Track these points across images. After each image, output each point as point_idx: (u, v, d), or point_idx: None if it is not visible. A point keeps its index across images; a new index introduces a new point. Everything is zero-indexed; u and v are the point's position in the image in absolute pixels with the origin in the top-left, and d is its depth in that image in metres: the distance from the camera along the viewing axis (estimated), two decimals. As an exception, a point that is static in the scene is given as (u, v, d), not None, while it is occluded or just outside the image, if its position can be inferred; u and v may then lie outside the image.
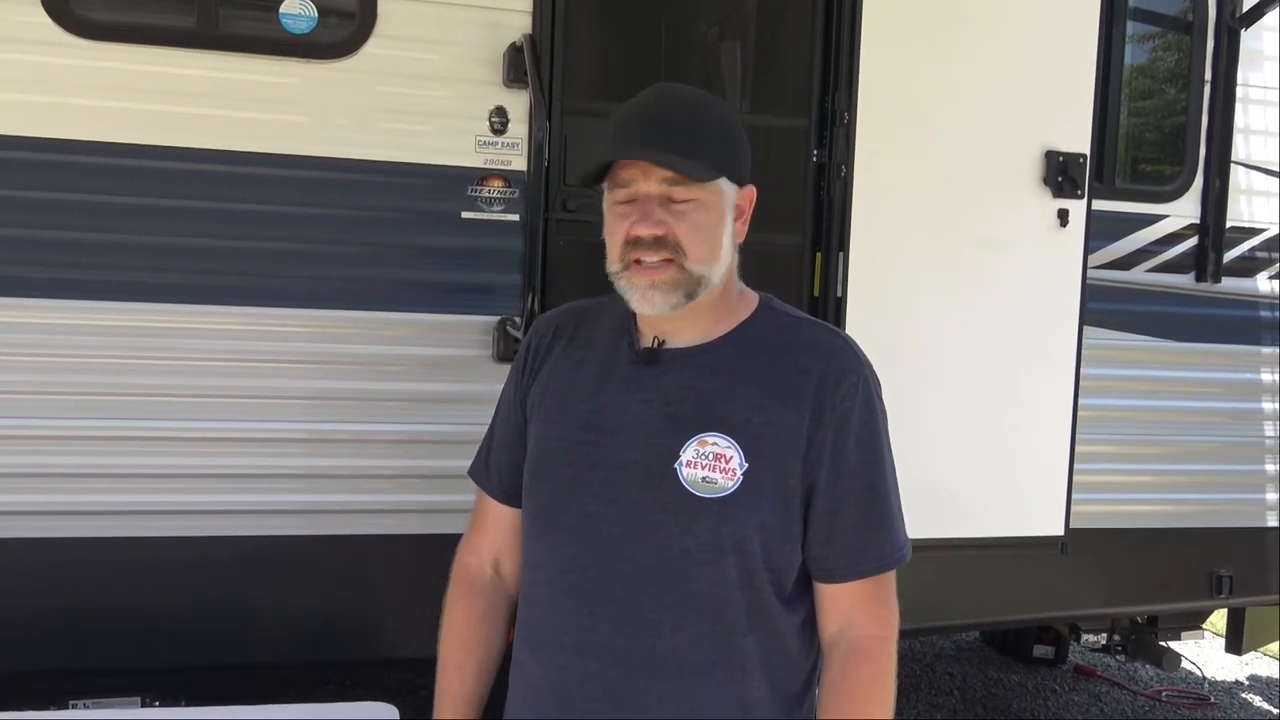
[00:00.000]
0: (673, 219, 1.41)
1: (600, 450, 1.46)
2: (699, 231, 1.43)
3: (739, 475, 1.40)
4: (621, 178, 1.44)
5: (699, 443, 1.41)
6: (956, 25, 3.13)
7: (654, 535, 1.41)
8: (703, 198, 1.43)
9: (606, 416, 1.47)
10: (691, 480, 1.40)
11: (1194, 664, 4.66)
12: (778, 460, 1.41)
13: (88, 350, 2.67)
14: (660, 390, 1.46)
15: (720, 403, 1.43)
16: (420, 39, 2.82)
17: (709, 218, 1.44)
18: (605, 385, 1.49)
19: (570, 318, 1.61)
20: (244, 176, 2.73)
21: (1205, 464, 3.61)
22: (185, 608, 2.74)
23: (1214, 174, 3.54)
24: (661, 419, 1.44)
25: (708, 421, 1.42)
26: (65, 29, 2.61)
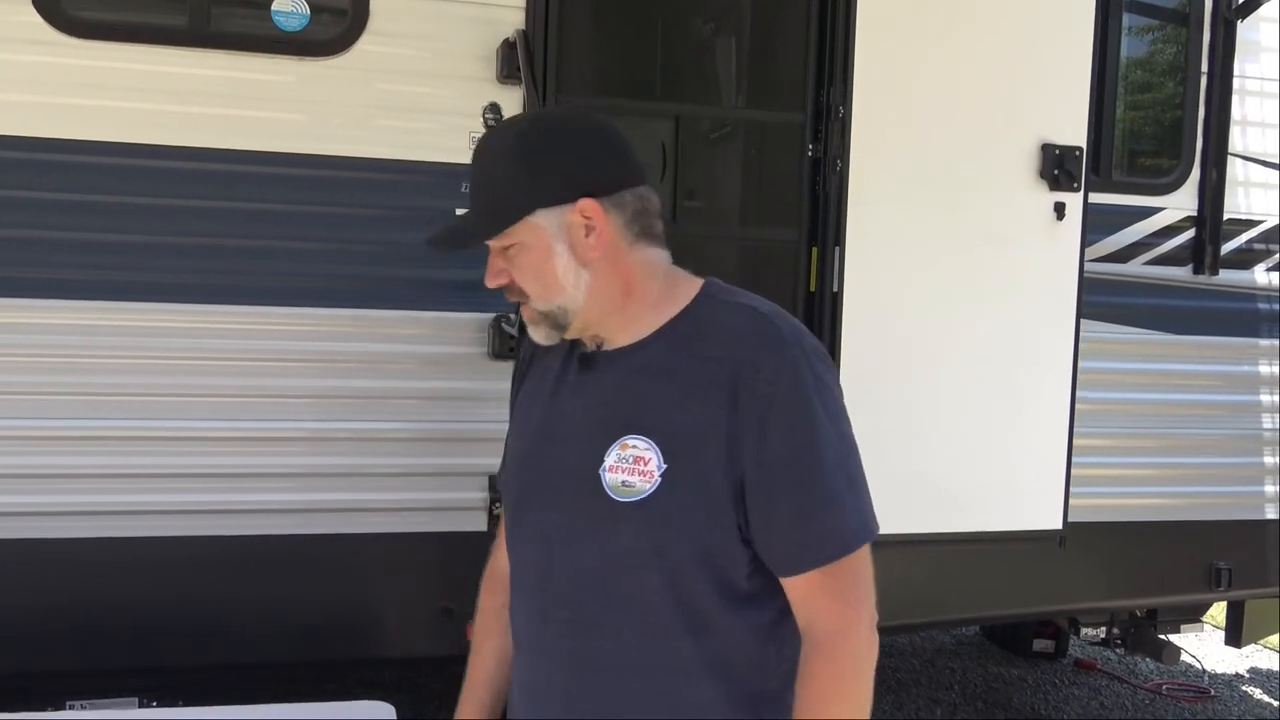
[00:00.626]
0: (511, 265, 1.45)
1: (547, 458, 1.48)
2: (527, 273, 1.43)
3: (656, 477, 1.37)
4: None
5: (620, 446, 1.39)
6: (952, 19, 3.13)
7: (592, 539, 1.42)
8: (520, 240, 1.43)
9: (554, 424, 1.49)
10: (613, 485, 1.38)
11: (1194, 657, 4.66)
12: (696, 458, 1.37)
13: (85, 350, 2.67)
14: (599, 393, 1.46)
15: (643, 403, 1.41)
16: (413, 35, 2.82)
17: (531, 257, 1.43)
18: (556, 393, 1.51)
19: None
20: (237, 175, 2.73)
21: (1203, 457, 3.60)
22: (184, 607, 2.74)
23: (1211, 166, 3.53)
24: (594, 424, 1.44)
25: (630, 424, 1.40)
26: (56, 28, 2.61)
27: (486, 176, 1.45)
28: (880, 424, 3.05)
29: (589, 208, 1.41)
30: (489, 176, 1.45)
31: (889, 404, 3.06)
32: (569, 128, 1.47)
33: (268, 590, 2.82)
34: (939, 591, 3.36)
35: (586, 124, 1.48)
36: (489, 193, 1.44)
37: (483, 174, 1.45)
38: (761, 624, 1.43)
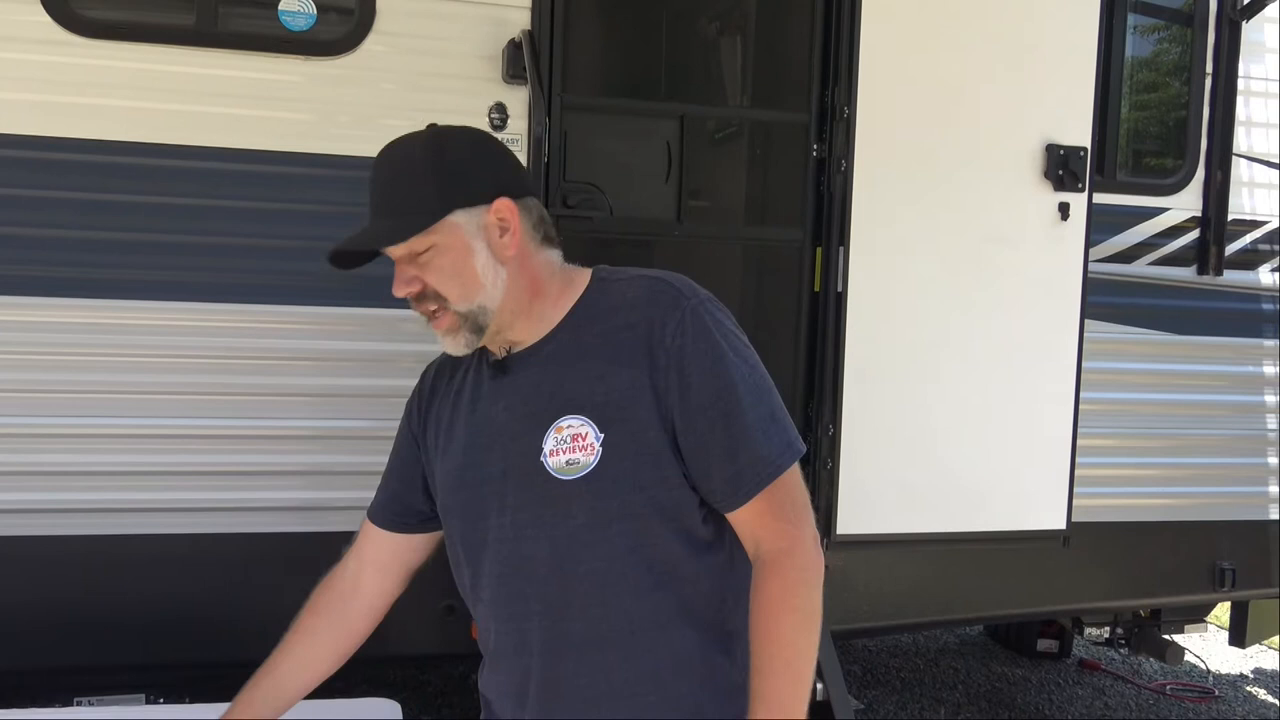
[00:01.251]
0: (423, 271, 1.47)
1: (482, 467, 1.51)
2: (444, 274, 1.47)
3: (598, 448, 1.43)
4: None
5: (556, 430, 1.45)
6: (956, 19, 3.13)
7: (541, 529, 1.46)
8: (436, 242, 1.46)
9: (480, 434, 1.53)
10: (557, 467, 1.44)
11: (1198, 657, 4.66)
12: (629, 420, 1.44)
13: (90, 348, 2.68)
14: (517, 393, 1.51)
15: (566, 386, 1.47)
16: (420, 35, 2.83)
17: (450, 257, 1.47)
18: (476, 406, 1.55)
19: (448, 360, 1.66)
20: (244, 174, 2.74)
21: (1207, 457, 3.60)
22: (189, 604, 2.75)
23: (1215, 167, 3.53)
24: (521, 420, 1.49)
25: (560, 408, 1.46)
26: (65, 27, 2.62)
27: (398, 183, 1.47)
28: (884, 424, 3.07)
29: (505, 207, 1.48)
30: (401, 183, 1.47)
31: (893, 404, 3.07)
32: (473, 137, 1.55)
33: (273, 587, 2.83)
34: (943, 591, 3.36)
35: (486, 135, 1.58)
36: (403, 197, 1.46)
37: (393, 181, 1.48)
38: (719, 564, 1.51)
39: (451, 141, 1.51)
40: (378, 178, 1.50)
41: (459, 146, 1.51)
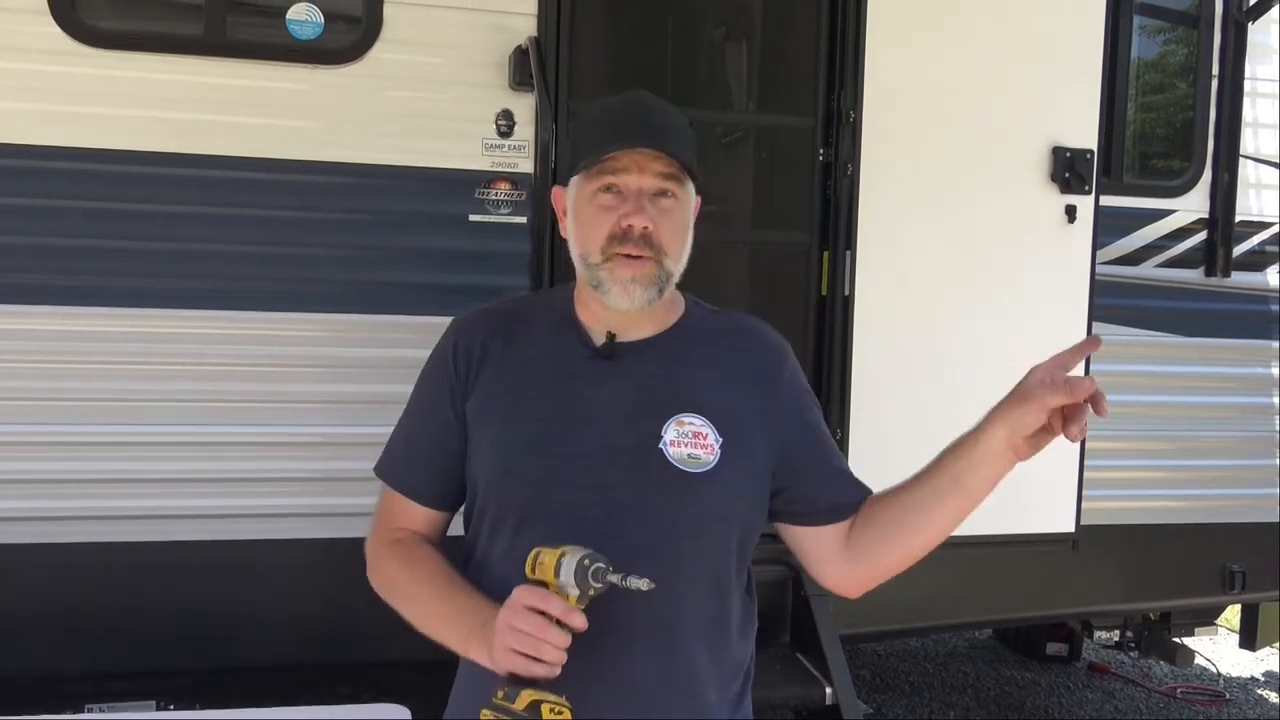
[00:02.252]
0: (659, 216, 1.49)
1: (575, 441, 1.49)
2: (677, 230, 1.52)
3: (717, 450, 1.50)
4: (610, 168, 1.48)
5: (677, 423, 1.50)
6: (962, 23, 3.13)
7: (644, 514, 1.47)
8: (681, 197, 1.52)
9: (575, 408, 1.52)
10: (678, 457, 1.49)
11: (1208, 660, 4.64)
12: (744, 435, 1.52)
13: (100, 356, 2.69)
14: (627, 379, 1.53)
15: (687, 386, 1.53)
16: (426, 43, 2.84)
17: (684, 218, 1.53)
18: (564, 380, 1.54)
19: (497, 320, 1.61)
20: (253, 182, 2.75)
21: (1216, 459, 3.60)
22: (199, 611, 2.76)
23: (1222, 168, 3.53)
24: (634, 405, 1.51)
25: (680, 404, 1.51)
26: (74, 38, 2.64)
27: (670, 125, 1.53)
28: (891, 426, 3.07)
29: (698, 204, 1.59)
30: (672, 127, 1.53)
31: (901, 407, 3.07)
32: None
33: (282, 594, 2.84)
34: (952, 595, 3.36)
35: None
36: (675, 137, 1.51)
37: (666, 120, 1.53)
38: (743, 592, 1.59)
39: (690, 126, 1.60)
40: (646, 109, 1.54)
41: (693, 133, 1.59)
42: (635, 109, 1.54)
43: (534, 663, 1.30)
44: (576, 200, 1.53)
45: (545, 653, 1.30)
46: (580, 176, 1.51)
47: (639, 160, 1.47)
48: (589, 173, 1.50)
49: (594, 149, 1.49)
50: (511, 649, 1.31)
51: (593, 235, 1.50)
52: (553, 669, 1.31)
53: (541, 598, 1.32)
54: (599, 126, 1.53)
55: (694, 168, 1.52)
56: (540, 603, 1.32)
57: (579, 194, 1.52)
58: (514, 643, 1.31)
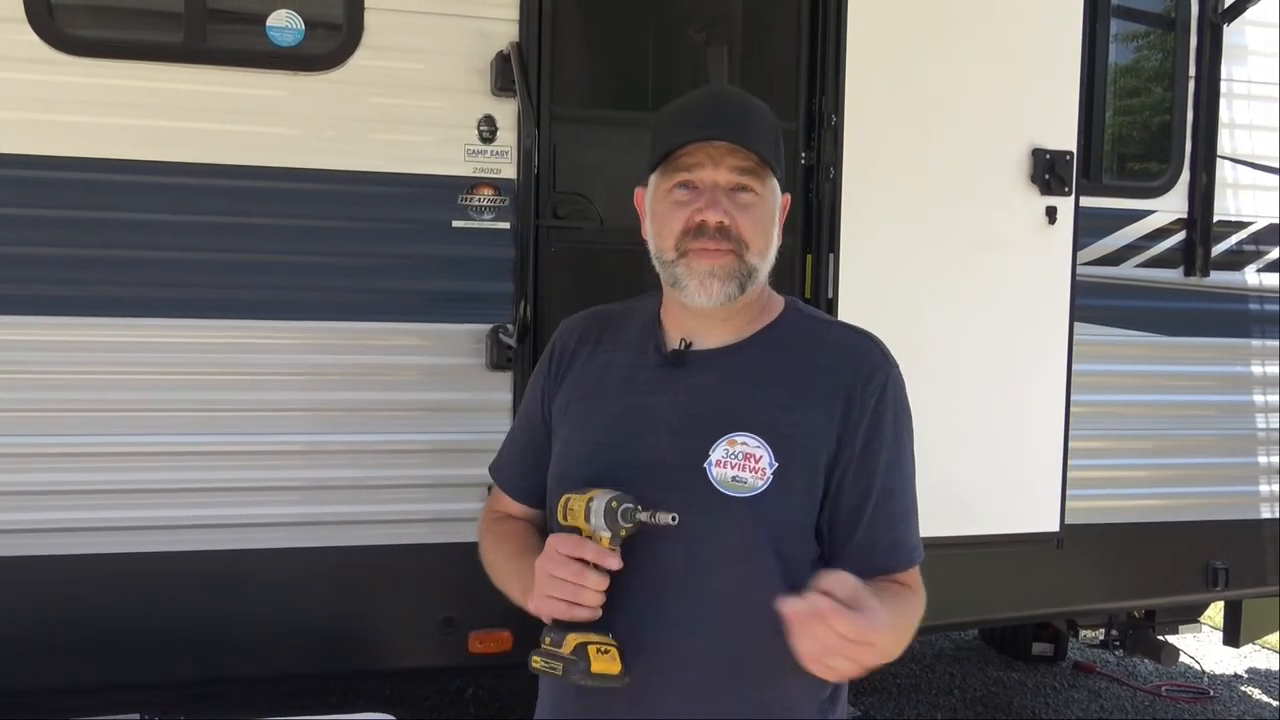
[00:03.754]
0: (737, 210, 1.42)
1: (625, 450, 1.45)
2: (759, 224, 1.44)
3: (769, 475, 1.39)
4: (684, 164, 1.43)
5: (728, 442, 1.40)
6: (941, 26, 3.15)
7: (681, 534, 1.38)
8: (762, 192, 1.45)
9: (632, 418, 1.47)
10: (721, 479, 1.40)
11: (1192, 658, 4.67)
12: (806, 460, 1.41)
13: (82, 366, 2.67)
14: (688, 391, 1.46)
15: (748, 403, 1.43)
16: (407, 49, 2.83)
17: (767, 212, 1.46)
18: (632, 387, 1.49)
19: (595, 322, 1.60)
20: (235, 190, 2.74)
21: (1198, 457, 3.62)
22: (185, 622, 2.74)
23: (1200, 169, 3.55)
24: (688, 419, 1.44)
25: (736, 421, 1.42)
26: (53, 46, 2.62)
27: (750, 118, 1.46)
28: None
29: (787, 200, 1.51)
30: (753, 120, 1.46)
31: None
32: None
33: (269, 603, 2.82)
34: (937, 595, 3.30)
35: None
36: (756, 132, 1.44)
37: (745, 113, 1.47)
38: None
39: (777, 123, 1.53)
40: (725, 101, 1.50)
41: (779, 129, 1.52)
42: (710, 100, 1.49)
43: (575, 607, 1.32)
44: (652, 199, 1.48)
45: (585, 597, 1.32)
46: (656, 175, 1.46)
47: (713, 154, 1.41)
48: (664, 170, 1.45)
49: (667, 143, 1.44)
50: (551, 596, 1.33)
51: (666, 232, 1.45)
52: (595, 611, 1.33)
53: (575, 544, 1.33)
54: (674, 121, 1.47)
55: (776, 161, 1.45)
56: (574, 549, 1.33)
57: (655, 192, 1.47)
58: (553, 590, 1.33)
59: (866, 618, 1.20)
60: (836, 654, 1.21)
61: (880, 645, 1.23)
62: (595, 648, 1.32)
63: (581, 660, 1.31)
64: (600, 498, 1.34)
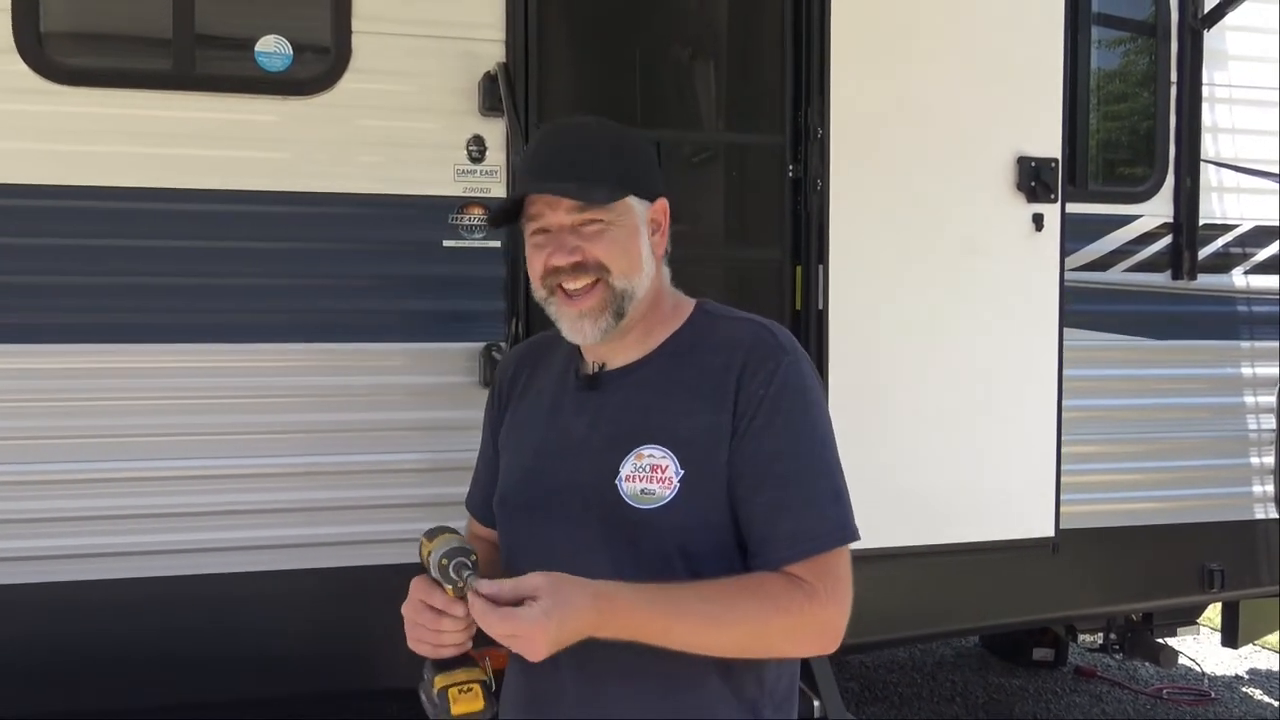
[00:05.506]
0: (586, 242, 1.47)
1: (551, 476, 1.51)
2: (615, 246, 1.47)
3: (675, 483, 1.43)
4: (531, 212, 1.49)
5: (636, 456, 1.45)
6: (924, 37, 3.18)
7: (605, 550, 1.44)
8: (610, 219, 1.48)
9: (555, 442, 1.53)
10: (631, 494, 1.44)
11: (1192, 660, 4.67)
12: (710, 461, 1.43)
13: (74, 394, 2.68)
14: (602, 411, 1.51)
15: (654, 415, 1.47)
16: (395, 72, 2.86)
17: (622, 233, 1.49)
18: (557, 413, 1.55)
19: (532, 351, 1.67)
20: (226, 215, 2.75)
21: (1191, 459, 3.63)
22: (185, 645, 2.74)
23: (1185, 173, 3.58)
24: (603, 438, 1.49)
25: (643, 435, 1.46)
26: (42, 75, 2.64)
27: (582, 153, 1.49)
28: (869, 438, 3.09)
29: (663, 208, 1.53)
30: (585, 153, 1.49)
31: (877, 418, 3.09)
32: (641, 136, 1.60)
33: (268, 625, 2.82)
34: (935, 603, 3.37)
35: (647, 139, 1.60)
36: (587, 166, 1.47)
37: (578, 150, 1.49)
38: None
39: (628, 133, 1.56)
40: (556, 144, 1.52)
41: (634, 139, 1.55)
42: (546, 146, 1.52)
43: (438, 647, 1.39)
44: (526, 241, 1.54)
45: (444, 639, 1.38)
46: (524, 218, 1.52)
47: (550, 201, 1.47)
48: (523, 219, 1.51)
49: (513, 196, 1.52)
50: (416, 639, 1.40)
51: (532, 274, 1.51)
52: (459, 648, 1.38)
53: (425, 591, 1.39)
54: (520, 170, 1.54)
55: (614, 187, 1.46)
56: (425, 596, 1.39)
57: (525, 236, 1.54)
58: (415, 634, 1.40)
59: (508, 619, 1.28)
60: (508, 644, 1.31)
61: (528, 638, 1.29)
62: (457, 688, 1.38)
63: (443, 704, 1.38)
64: (438, 550, 1.38)
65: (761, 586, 1.40)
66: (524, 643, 1.29)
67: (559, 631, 1.30)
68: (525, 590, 1.30)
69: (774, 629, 1.40)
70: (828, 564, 1.42)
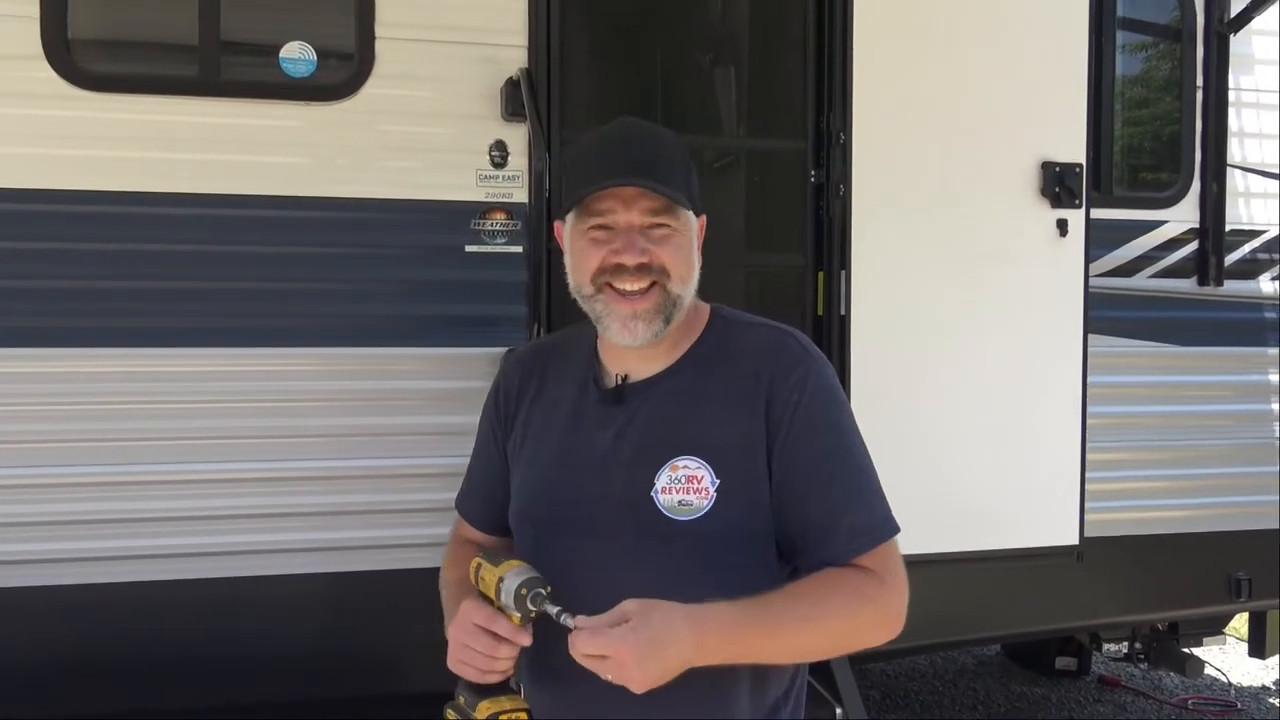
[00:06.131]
0: (654, 245, 1.47)
1: (578, 487, 1.50)
2: (680, 253, 1.49)
3: (712, 493, 1.44)
4: (597, 208, 1.48)
5: (671, 468, 1.45)
6: (948, 42, 3.17)
7: (637, 563, 1.45)
8: (676, 226, 1.49)
9: (581, 454, 1.52)
10: (668, 506, 1.44)
11: (1218, 670, 4.62)
12: (745, 469, 1.45)
13: (102, 397, 2.71)
14: (629, 423, 1.51)
15: (685, 426, 1.48)
16: (419, 77, 2.87)
17: (684, 242, 1.50)
18: (579, 424, 1.54)
19: (537, 358, 1.66)
20: (250, 219, 2.78)
21: (1217, 467, 3.60)
22: (203, 648, 2.76)
23: (1211, 178, 3.56)
24: (633, 451, 1.49)
25: (676, 446, 1.47)
26: (71, 82, 2.67)
27: (660, 156, 1.49)
28: (892, 444, 3.05)
29: (703, 223, 1.55)
30: (663, 157, 1.49)
31: (900, 424, 3.07)
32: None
33: (288, 629, 2.83)
34: (958, 611, 3.35)
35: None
36: (665, 171, 1.47)
37: (655, 151, 1.50)
38: None
39: (686, 146, 1.57)
40: (634, 143, 1.51)
41: (688, 153, 1.56)
42: (619, 141, 1.52)
43: (486, 673, 1.38)
44: (570, 237, 1.52)
45: (497, 665, 1.38)
46: (572, 214, 1.51)
47: (624, 197, 1.45)
48: (579, 212, 1.49)
49: (579, 188, 1.48)
50: (464, 662, 1.39)
51: (583, 267, 1.49)
52: (507, 674, 1.38)
53: (488, 618, 1.38)
54: (584, 163, 1.52)
55: (686, 197, 1.48)
56: (487, 623, 1.38)
57: (572, 231, 1.52)
58: (466, 658, 1.39)
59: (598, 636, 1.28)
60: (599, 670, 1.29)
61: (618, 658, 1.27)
62: (505, 716, 1.38)
63: None
64: (511, 578, 1.37)
65: (840, 580, 1.42)
66: (615, 664, 1.27)
67: (658, 659, 1.29)
68: (616, 618, 1.30)
69: (862, 620, 1.43)
70: (888, 553, 1.46)
